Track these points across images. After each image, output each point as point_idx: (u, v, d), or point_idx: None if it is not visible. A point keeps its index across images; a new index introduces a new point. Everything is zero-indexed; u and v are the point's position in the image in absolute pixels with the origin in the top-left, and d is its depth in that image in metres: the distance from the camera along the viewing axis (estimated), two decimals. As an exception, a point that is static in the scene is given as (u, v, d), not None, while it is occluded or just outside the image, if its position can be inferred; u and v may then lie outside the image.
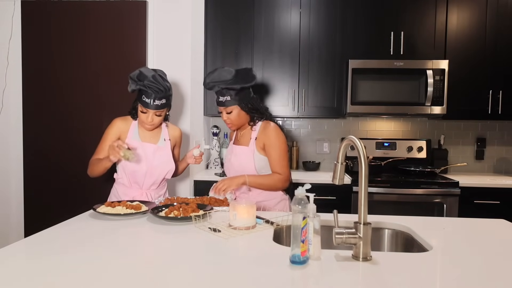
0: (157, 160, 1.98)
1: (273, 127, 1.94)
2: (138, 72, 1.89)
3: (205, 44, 3.14)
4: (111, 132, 1.96)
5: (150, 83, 1.85)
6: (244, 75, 1.93)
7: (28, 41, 2.79)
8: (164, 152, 2.02)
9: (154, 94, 1.85)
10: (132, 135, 1.97)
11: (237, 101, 1.91)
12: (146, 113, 1.89)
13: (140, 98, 1.88)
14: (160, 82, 1.87)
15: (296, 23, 3.10)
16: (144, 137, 1.99)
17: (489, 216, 1.80)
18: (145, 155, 1.96)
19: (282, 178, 1.90)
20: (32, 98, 2.81)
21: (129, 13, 2.74)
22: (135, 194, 1.98)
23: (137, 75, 1.87)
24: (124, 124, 1.98)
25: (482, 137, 3.37)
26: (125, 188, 2.00)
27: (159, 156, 1.99)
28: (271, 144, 1.91)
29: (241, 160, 1.98)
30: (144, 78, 1.86)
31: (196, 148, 2.08)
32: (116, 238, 1.34)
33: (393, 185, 2.80)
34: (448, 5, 3.01)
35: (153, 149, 1.98)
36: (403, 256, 1.19)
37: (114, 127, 1.97)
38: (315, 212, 1.17)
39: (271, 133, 1.92)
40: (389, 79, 2.98)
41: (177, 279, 1.00)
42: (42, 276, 1.00)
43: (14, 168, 2.87)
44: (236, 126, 2.00)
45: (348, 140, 1.22)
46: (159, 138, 2.03)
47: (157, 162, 1.98)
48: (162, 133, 2.06)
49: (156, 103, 1.87)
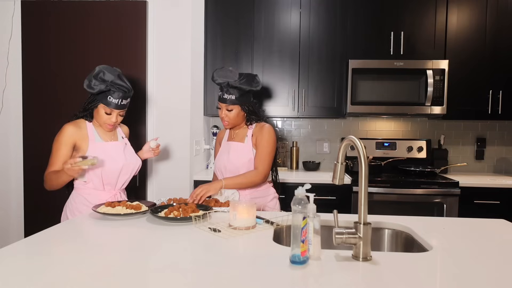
0: (128, 157, 1.97)
1: (268, 127, 2.05)
2: (102, 71, 1.82)
3: (205, 44, 3.14)
4: (64, 140, 1.83)
5: (117, 83, 1.81)
6: (250, 79, 2.01)
7: (28, 41, 2.79)
8: (129, 148, 2.02)
9: (122, 93, 1.83)
10: (94, 137, 1.89)
11: (240, 102, 2.00)
12: (110, 114, 1.86)
13: (105, 98, 1.82)
14: (125, 82, 1.86)
15: (296, 23, 3.10)
16: (105, 138, 1.95)
17: (489, 216, 1.80)
18: (117, 154, 1.92)
19: (257, 172, 1.96)
20: (32, 98, 2.81)
21: (129, 13, 2.74)
22: (108, 197, 1.91)
23: (102, 74, 1.81)
24: (77, 129, 1.87)
25: (482, 137, 3.37)
26: (97, 192, 1.91)
27: (128, 153, 1.98)
28: (261, 141, 2.01)
29: (239, 155, 2.03)
30: (109, 78, 1.81)
31: (153, 140, 2.10)
32: (116, 238, 1.34)
33: (393, 185, 2.80)
34: (448, 5, 3.01)
35: (122, 147, 1.97)
36: (403, 256, 1.19)
37: (67, 134, 1.83)
38: (315, 212, 1.17)
39: (265, 132, 2.02)
40: (389, 79, 2.98)
41: (177, 279, 1.00)
42: (42, 275, 1.00)
43: (14, 168, 2.86)
44: (232, 125, 2.07)
45: (348, 140, 1.22)
46: (118, 136, 2.02)
47: (129, 159, 1.96)
48: (118, 131, 2.04)
49: (122, 102, 1.85)
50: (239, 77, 2.00)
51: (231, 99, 1.98)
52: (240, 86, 1.96)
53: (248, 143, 2.05)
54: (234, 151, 2.06)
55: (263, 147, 1.99)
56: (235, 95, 1.98)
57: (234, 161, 2.04)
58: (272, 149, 2.01)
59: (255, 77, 2.05)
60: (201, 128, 3.15)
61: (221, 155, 2.13)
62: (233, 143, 2.09)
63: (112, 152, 1.92)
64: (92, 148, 1.86)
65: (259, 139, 2.01)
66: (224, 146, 2.15)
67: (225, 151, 2.11)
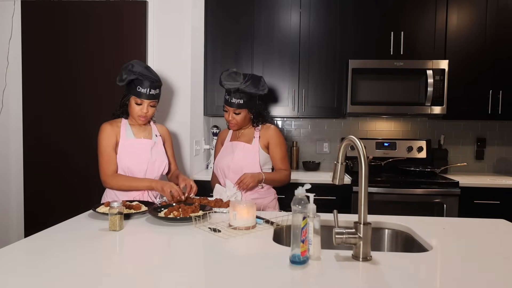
0: (155, 155, 1.97)
1: (275, 128, 2.11)
2: (130, 64, 1.92)
3: (205, 44, 3.14)
4: (107, 137, 1.90)
5: (145, 74, 1.89)
6: (257, 82, 2.04)
7: (28, 41, 2.79)
8: (159, 147, 2.02)
9: (150, 83, 1.89)
10: (125, 133, 1.95)
11: (247, 106, 2.03)
12: (141, 105, 1.91)
13: (134, 89, 1.89)
14: (153, 73, 1.94)
15: (296, 23, 3.10)
16: (138, 134, 1.99)
17: (489, 216, 1.80)
18: (143, 151, 1.94)
19: (288, 173, 2.10)
20: (32, 98, 2.81)
21: (129, 13, 2.74)
22: (135, 195, 1.94)
23: (131, 67, 1.90)
24: (115, 126, 1.95)
25: (482, 137, 3.37)
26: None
27: (156, 151, 1.99)
28: (276, 143, 2.07)
29: (245, 156, 2.04)
30: (138, 69, 1.89)
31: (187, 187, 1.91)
32: (116, 238, 1.34)
33: (393, 185, 2.80)
34: (448, 5, 3.01)
35: (150, 145, 1.98)
36: (403, 256, 1.19)
37: (107, 132, 1.91)
38: (315, 212, 1.17)
39: (275, 134, 2.08)
40: (389, 79, 2.98)
41: (178, 279, 1.00)
42: (42, 276, 1.00)
43: (14, 168, 2.86)
44: (238, 127, 2.10)
45: (348, 140, 1.22)
46: (152, 134, 2.03)
47: (155, 157, 1.97)
48: (153, 129, 2.06)
49: (151, 92, 1.90)
50: (244, 78, 2.02)
51: (239, 103, 2.01)
52: (250, 92, 2.00)
53: (255, 144, 2.07)
54: (239, 151, 2.06)
55: (280, 148, 2.08)
56: (243, 99, 2.01)
57: (239, 162, 2.04)
58: (286, 148, 2.14)
59: (261, 80, 2.07)
60: (201, 128, 3.15)
61: (224, 154, 2.13)
62: (239, 144, 2.09)
63: (138, 149, 1.94)
64: (121, 144, 1.92)
65: (272, 142, 2.07)
66: (228, 146, 2.15)
67: (229, 151, 2.11)
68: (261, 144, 2.07)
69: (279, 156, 2.08)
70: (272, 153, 2.08)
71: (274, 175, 2.05)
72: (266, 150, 2.09)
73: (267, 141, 2.07)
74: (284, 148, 2.10)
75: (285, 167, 2.09)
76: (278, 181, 2.06)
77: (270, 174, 2.03)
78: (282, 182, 2.08)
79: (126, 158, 1.91)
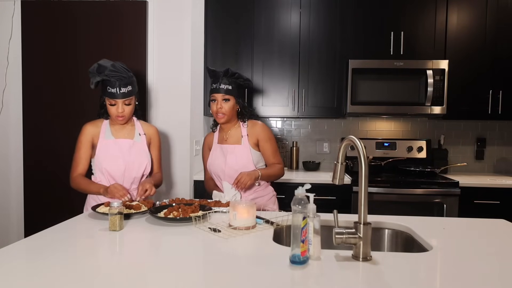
0: (134, 155, 1.93)
1: (262, 124, 2.11)
2: (96, 65, 1.86)
3: (205, 44, 3.14)
4: (84, 139, 1.92)
5: (111, 72, 1.83)
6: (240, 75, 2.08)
7: (28, 41, 2.79)
8: (140, 147, 1.97)
9: (118, 81, 1.83)
10: (104, 134, 1.93)
11: (235, 94, 2.03)
12: (115, 105, 1.86)
13: (105, 90, 1.85)
14: (120, 70, 1.86)
15: (296, 23, 3.10)
16: (117, 135, 1.95)
17: (489, 216, 1.80)
18: (120, 152, 1.91)
19: (282, 166, 2.09)
20: (32, 98, 2.81)
21: (129, 13, 2.74)
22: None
23: (96, 68, 1.85)
24: (95, 127, 1.94)
25: (482, 137, 3.37)
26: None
27: (135, 151, 1.94)
28: (265, 139, 2.06)
29: (237, 158, 2.01)
30: (103, 69, 1.84)
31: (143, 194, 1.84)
32: (116, 238, 1.34)
33: (393, 185, 2.80)
34: (448, 5, 3.01)
35: (128, 145, 1.94)
36: (403, 256, 1.19)
37: (85, 133, 1.93)
38: (315, 212, 1.17)
39: (263, 130, 2.07)
40: (389, 79, 2.98)
41: (178, 279, 1.00)
42: (42, 276, 1.00)
43: (14, 168, 2.86)
44: (227, 118, 2.03)
45: (348, 140, 1.22)
46: (134, 134, 1.99)
47: (134, 157, 1.93)
48: (136, 128, 2.01)
49: (122, 91, 1.85)
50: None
51: (227, 89, 1.98)
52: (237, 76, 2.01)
53: (245, 144, 2.03)
54: (231, 155, 2.02)
55: (270, 144, 2.07)
56: (231, 85, 1.99)
57: (233, 165, 2.01)
58: (276, 142, 2.12)
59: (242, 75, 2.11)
60: (201, 128, 3.15)
61: (215, 159, 2.08)
62: (229, 146, 2.05)
63: (115, 150, 1.91)
64: (99, 146, 1.91)
65: (262, 138, 2.05)
66: (217, 149, 2.10)
67: (219, 155, 2.07)
68: (251, 143, 2.05)
69: (270, 151, 2.06)
70: (263, 149, 2.06)
71: (269, 170, 2.04)
72: (256, 148, 2.06)
73: (256, 138, 2.05)
74: (274, 142, 2.09)
75: (277, 161, 2.08)
76: (274, 176, 2.06)
77: (265, 170, 2.02)
78: (277, 176, 2.08)
79: (104, 160, 1.88)
